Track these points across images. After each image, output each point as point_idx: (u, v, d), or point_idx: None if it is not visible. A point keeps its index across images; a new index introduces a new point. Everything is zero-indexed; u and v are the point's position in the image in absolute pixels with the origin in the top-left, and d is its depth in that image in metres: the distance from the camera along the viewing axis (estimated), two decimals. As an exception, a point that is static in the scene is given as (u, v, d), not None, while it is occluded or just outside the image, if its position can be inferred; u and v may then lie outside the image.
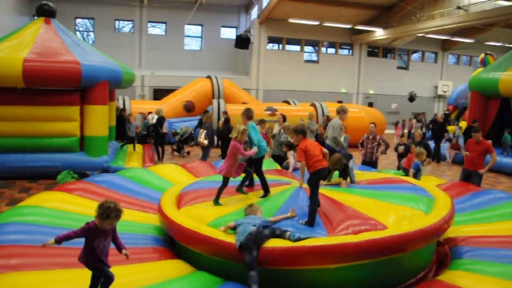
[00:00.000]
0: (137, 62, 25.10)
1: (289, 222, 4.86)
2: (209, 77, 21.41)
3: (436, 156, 15.32)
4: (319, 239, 4.48)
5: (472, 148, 9.18)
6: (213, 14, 26.25)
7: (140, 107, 18.49)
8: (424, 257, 5.34)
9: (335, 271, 4.51)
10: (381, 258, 4.56)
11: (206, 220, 5.09)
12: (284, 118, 11.75)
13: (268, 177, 7.01)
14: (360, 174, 7.36)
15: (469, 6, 20.47)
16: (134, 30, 25.39)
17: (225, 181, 5.75)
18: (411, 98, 26.55)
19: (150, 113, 16.74)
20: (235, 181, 5.92)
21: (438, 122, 17.15)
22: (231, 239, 4.54)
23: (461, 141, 15.77)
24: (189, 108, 19.96)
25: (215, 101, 18.00)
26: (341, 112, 8.97)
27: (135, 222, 6.05)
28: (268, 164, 9.89)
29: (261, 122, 11.83)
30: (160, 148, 13.47)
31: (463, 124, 19.14)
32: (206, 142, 12.45)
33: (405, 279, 4.98)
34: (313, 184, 5.11)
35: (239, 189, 5.95)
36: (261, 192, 5.93)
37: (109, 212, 3.72)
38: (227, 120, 13.02)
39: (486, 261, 4.97)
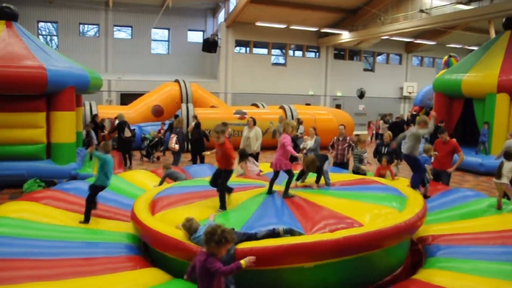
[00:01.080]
0: (103, 67, 24.66)
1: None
2: (177, 81, 21.24)
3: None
4: (296, 238, 4.49)
5: (440, 148, 9.39)
6: (179, 18, 26.07)
7: (108, 112, 18.15)
8: (399, 255, 5.44)
9: (313, 270, 4.53)
10: (358, 255, 4.62)
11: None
12: (254, 122, 11.73)
13: (242, 180, 7.00)
14: (335, 176, 7.41)
15: (431, 9, 20.99)
16: (99, 34, 24.94)
17: (291, 173, 5.97)
18: (361, 95, 26.77)
19: (117, 117, 16.46)
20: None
21: (397, 122, 17.54)
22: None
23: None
24: (157, 113, 19.72)
25: (183, 105, 17.85)
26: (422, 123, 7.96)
27: (107, 230, 5.92)
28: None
29: (223, 125, 11.76)
30: (127, 154, 13.23)
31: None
32: (177, 147, 12.31)
33: (381, 276, 5.06)
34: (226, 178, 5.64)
35: (286, 195, 5.85)
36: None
37: (226, 235, 3.56)
38: (197, 125, 12.91)
39: (459, 259, 5.08)
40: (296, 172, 6.70)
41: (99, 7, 24.17)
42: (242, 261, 3.67)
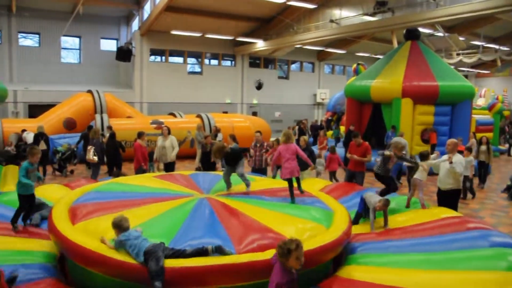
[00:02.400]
0: (8, 76, 23.06)
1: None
2: (90, 91, 20.40)
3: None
4: (228, 257, 4.43)
5: (354, 150, 9.89)
6: (91, 25, 25.12)
7: (14, 125, 17.03)
8: (326, 265, 5.56)
9: None
10: None
11: (106, 236, 4.78)
12: (169, 130, 11.58)
13: (170, 189, 6.88)
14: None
15: (341, 20, 22.02)
16: (2, 41, 23.34)
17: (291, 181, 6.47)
18: (259, 86, 27.25)
19: (24, 130, 15.50)
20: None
21: (317, 127, 18.21)
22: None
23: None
24: (69, 125, 18.78)
25: (97, 116, 17.24)
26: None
27: (19, 250, 5.50)
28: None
29: (140, 135, 11.60)
30: (40, 167, 12.51)
31: (342, 128, 20.47)
32: (96, 159, 11.84)
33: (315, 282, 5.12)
34: None
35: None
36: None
37: (289, 246, 3.58)
38: (112, 136, 12.52)
39: (376, 253, 5.37)
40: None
41: (1, 12, 22.62)
42: None
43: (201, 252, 4.38)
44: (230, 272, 4.33)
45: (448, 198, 7.67)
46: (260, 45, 26.40)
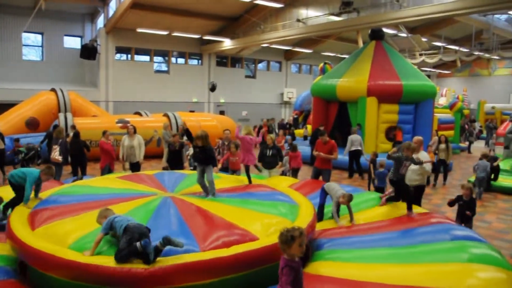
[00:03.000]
0: (-36, 74, 22.31)
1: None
2: (53, 90, 19.90)
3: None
4: (192, 255, 4.43)
5: (320, 148, 10.03)
6: (55, 22, 24.49)
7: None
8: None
9: (208, 286, 4.45)
10: (255, 269, 4.66)
11: (68, 240, 4.73)
12: (135, 129, 11.44)
13: (131, 189, 6.84)
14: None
15: (307, 19, 22.23)
16: (-44, 38, 22.50)
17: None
18: (212, 88, 27.29)
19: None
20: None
21: (285, 125, 18.34)
22: (100, 261, 4.29)
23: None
24: (32, 125, 18.27)
25: (61, 115, 16.85)
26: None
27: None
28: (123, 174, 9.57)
29: (104, 133, 11.48)
30: None
31: (309, 127, 20.67)
32: (61, 158, 11.57)
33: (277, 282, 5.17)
34: None
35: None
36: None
37: (292, 233, 3.49)
38: (76, 135, 12.25)
39: (342, 249, 5.45)
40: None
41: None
42: None
43: (157, 252, 4.33)
44: (195, 270, 4.32)
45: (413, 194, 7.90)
46: (227, 44, 26.37)
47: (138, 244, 4.21)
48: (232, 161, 10.04)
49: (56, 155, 11.49)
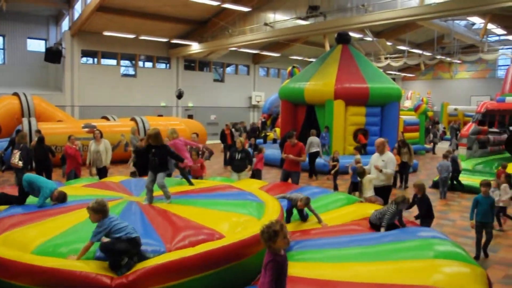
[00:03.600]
0: None
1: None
2: (16, 94, 19.36)
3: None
4: (160, 257, 4.41)
5: (289, 150, 10.12)
6: (17, 24, 23.83)
7: None
8: (260, 257, 5.64)
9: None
10: (223, 267, 4.64)
11: (30, 246, 4.63)
12: (101, 134, 11.29)
13: (96, 194, 6.74)
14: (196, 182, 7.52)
15: (275, 23, 22.39)
16: None
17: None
18: (179, 95, 27.22)
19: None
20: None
21: (256, 129, 18.42)
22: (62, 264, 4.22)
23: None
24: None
25: (25, 120, 16.43)
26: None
27: None
28: (90, 179, 9.48)
29: (69, 138, 11.29)
30: None
31: (278, 130, 20.79)
32: (20, 163, 11.22)
33: (249, 280, 5.18)
34: None
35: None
36: None
37: (274, 228, 3.44)
38: (41, 140, 11.95)
39: (312, 250, 5.52)
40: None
41: None
42: None
43: (129, 268, 4.34)
44: (162, 272, 4.28)
45: (380, 194, 8.09)
46: (195, 47, 26.27)
47: (127, 259, 4.25)
48: (194, 168, 9.94)
49: (16, 159, 11.11)
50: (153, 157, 6.40)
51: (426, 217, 7.25)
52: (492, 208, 7.08)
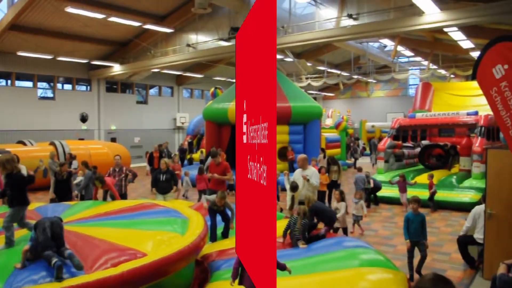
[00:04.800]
0: None
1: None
2: None
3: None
4: (78, 278, 4.25)
5: (214, 170, 10.14)
6: None
7: None
8: (186, 275, 5.60)
9: None
10: (146, 285, 4.57)
11: None
12: (17, 160, 10.66)
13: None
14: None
15: (197, 44, 22.49)
16: None
17: None
18: (83, 119, 26.65)
19: None
20: None
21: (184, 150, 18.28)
22: None
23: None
24: None
25: None
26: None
27: None
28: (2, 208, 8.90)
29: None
30: None
31: (203, 150, 20.71)
32: None
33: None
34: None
35: None
36: None
37: None
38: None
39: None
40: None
41: None
42: None
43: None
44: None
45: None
46: (116, 69, 25.73)
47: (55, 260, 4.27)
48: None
49: None
50: (6, 187, 5.52)
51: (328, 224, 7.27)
52: (423, 226, 6.63)
